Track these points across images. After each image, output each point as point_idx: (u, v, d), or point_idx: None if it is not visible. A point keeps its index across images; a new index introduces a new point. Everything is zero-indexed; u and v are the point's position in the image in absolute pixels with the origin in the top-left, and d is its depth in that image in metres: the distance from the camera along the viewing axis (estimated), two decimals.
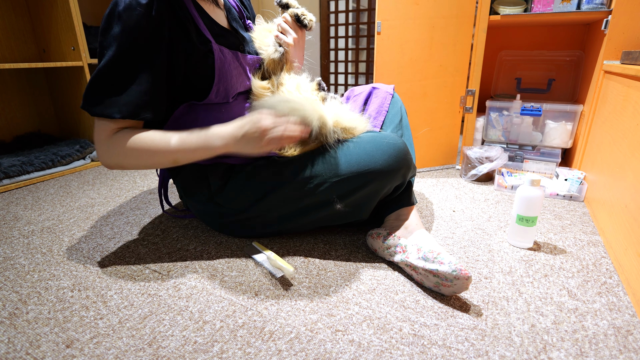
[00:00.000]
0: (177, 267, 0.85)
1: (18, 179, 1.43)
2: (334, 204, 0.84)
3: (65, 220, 1.12)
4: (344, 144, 0.84)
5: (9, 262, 0.89)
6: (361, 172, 0.80)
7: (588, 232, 1.00)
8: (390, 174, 0.81)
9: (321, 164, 0.82)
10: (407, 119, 1.05)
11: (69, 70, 1.70)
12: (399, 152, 0.81)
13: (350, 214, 0.88)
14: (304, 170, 0.83)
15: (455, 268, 0.69)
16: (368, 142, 0.82)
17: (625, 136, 0.92)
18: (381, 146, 0.81)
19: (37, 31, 1.75)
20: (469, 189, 1.32)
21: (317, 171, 0.82)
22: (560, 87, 1.59)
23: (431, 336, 0.64)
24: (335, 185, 0.81)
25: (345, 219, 0.90)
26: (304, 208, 0.87)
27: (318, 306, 0.71)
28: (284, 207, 0.87)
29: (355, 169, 0.80)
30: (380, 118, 1.02)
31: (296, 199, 0.85)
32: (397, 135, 0.85)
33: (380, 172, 0.80)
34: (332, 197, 0.83)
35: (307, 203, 0.86)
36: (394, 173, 0.82)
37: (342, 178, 0.81)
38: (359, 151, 0.81)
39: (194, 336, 0.64)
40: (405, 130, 1.02)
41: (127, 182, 1.45)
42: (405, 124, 1.03)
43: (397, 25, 1.34)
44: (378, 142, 0.82)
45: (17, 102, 1.77)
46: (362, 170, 0.80)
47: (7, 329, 0.67)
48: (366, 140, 0.83)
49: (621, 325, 0.66)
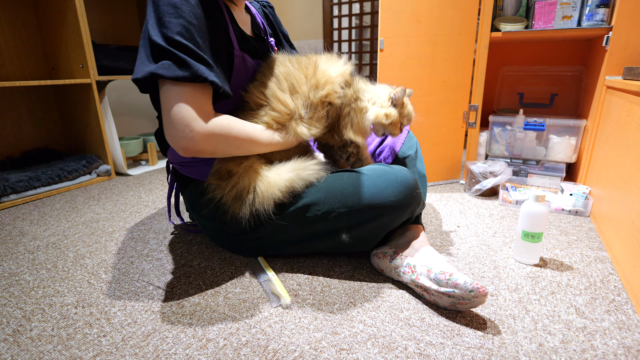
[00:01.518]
0: (181, 283, 0.85)
1: (25, 194, 1.44)
2: (340, 234, 0.83)
3: (71, 235, 1.12)
4: (355, 174, 0.83)
5: (14, 278, 0.89)
6: (370, 205, 0.79)
7: (595, 248, 0.98)
8: (400, 209, 0.80)
9: (331, 192, 0.81)
10: (421, 154, 1.05)
11: (77, 88, 1.73)
12: (409, 190, 0.80)
13: (355, 246, 0.86)
14: (312, 196, 0.82)
15: (473, 288, 0.68)
16: (379, 176, 0.81)
17: (629, 151, 0.92)
18: (392, 182, 0.80)
19: (47, 49, 1.79)
20: (473, 204, 1.32)
21: (325, 200, 0.81)
22: (562, 102, 1.60)
23: (437, 355, 0.63)
24: (343, 215, 0.80)
25: (350, 249, 0.89)
26: (309, 235, 0.86)
27: (322, 324, 0.71)
28: (289, 232, 0.86)
29: (364, 202, 0.79)
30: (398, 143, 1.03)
31: (302, 225, 0.84)
32: (408, 171, 0.83)
33: (389, 207, 0.79)
34: (339, 226, 0.82)
35: (313, 230, 0.85)
36: (403, 209, 0.81)
37: (350, 209, 0.80)
38: (369, 184, 0.80)
39: (197, 354, 0.64)
40: (419, 163, 1.02)
41: (132, 197, 1.46)
42: (420, 158, 1.04)
43: (399, 42, 1.36)
44: (390, 177, 0.80)
45: (26, 119, 1.80)
46: (372, 204, 0.79)
47: (10, 346, 0.67)
48: (378, 174, 0.81)
49: (631, 345, 0.64)
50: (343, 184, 0.81)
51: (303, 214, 0.82)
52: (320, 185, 0.82)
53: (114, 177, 1.78)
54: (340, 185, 0.81)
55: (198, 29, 0.70)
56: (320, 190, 0.82)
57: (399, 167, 0.83)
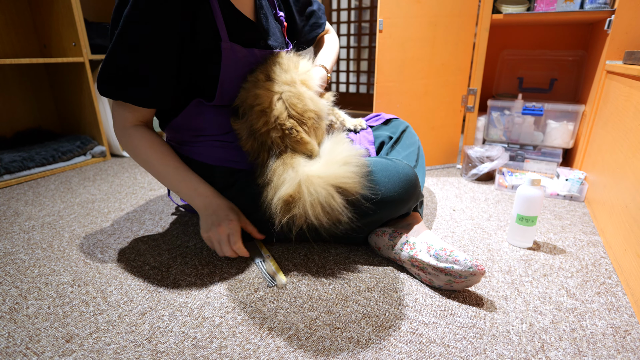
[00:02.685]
0: (177, 263, 0.86)
1: (19, 175, 1.43)
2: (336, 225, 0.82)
3: (66, 216, 1.12)
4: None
5: (9, 257, 0.89)
6: (369, 199, 0.78)
7: (588, 232, 1.00)
8: (399, 204, 0.80)
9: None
10: (422, 150, 1.05)
11: (70, 66, 1.70)
12: (410, 185, 0.80)
13: (350, 237, 0.87)
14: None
15: (472, 264, 0.69)
16: (380, 170, 0.80)
17: (626, 136, 0.92)
18: (393, 177, 0.80)
19: (38, 26, 1.74)
20: (469, 188, 1.32)
21: None
22: (562, 87, 1.59)
23: (429, 334, 0.64)
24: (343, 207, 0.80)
25: (345, 240, 0.90)
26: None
27: (317, 303, 0.72)
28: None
29: (363, 195, 0.78)
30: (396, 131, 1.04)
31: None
32: (409, 165, 0.83)
33: (389, 202, 0.79)
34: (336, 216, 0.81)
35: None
36: (402, 204, 0.81)
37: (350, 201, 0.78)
38: (370, 179, 0.79)
39: (193, 332, 0.64)
40: (420, 159, 1.02)
41: (127, 179, 1.46)
42: (421, 154, 1.04)
43: (399, 23, 1.33)
44: (391, 173, 0.80)
45: (18, 98, 1.77)
46: (371, 197, 0.78)
47: (7, 323, 0.67)
48: (379, 169, 0.81)
49: (619, 325, 0.66)
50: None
51: None
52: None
53: (109, 159, 1.76)
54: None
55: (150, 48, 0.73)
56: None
57: (400, 161, 0.83)
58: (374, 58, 2.88)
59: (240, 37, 0.81)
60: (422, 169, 1.02)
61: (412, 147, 1.02)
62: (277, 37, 0.90)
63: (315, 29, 1.04)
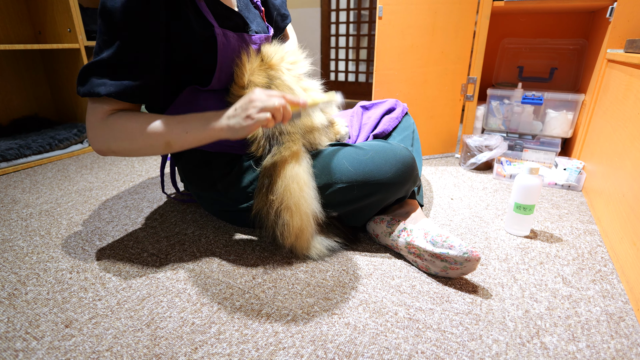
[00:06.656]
0: (175, 250, 0.86)
1: (15, 163, 1.42)
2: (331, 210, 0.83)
3: (64, 203, 1.12)
4: (353, 150, 0.81)
5: (7, 244, 0.89)
6: (367, 181, 0.78)
7: (585, 221, 1.00)
8: (396, 187, 0.80)
9: (329, 167, 0.80)
10: (417, 133, 1.06)
11: (65, 53, 1.67)
12: (407, 167, 0.80)
13: (347, 221, 0.87)
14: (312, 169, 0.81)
15: (467, 250, 0.69)
16: (377, 152, 0.80)
17: (625, 125, 0.92)
18: (390, 159, 0.79)
19: (32, 12, 1.72)
20: (467, 177, 1.32)
21: (324, 173, 0.80)
22: (562, 76, 1.58)
23: (426, 320, 0.64)
24: (340, 191, 0.80)
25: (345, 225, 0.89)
26: None
27: (315, 290, 0.72)
28: None
29: (361, 178, 0.78)
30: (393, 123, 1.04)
31: None
32: (406, 148, 0.83)
33: (386, 184, 0.79)
34: (333, 202, 0.81)
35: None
36: (399, 186, 0.81)
37: (347, 185, 0.79)
38: (367, 161, 0.79)
39: (192, 318, 0.65)
40: (415, 142, 1.02)
41: (125, 167, 1.45)
42: (416, 137, 1.04)
43: (399, 10, 1.31)
44: (388, 155, 0.80)
45: (13, 85, 1.75)
46: (369, 180, 0.78)
47: (6, 308, 0.68)
48: (376, 150, 0.81)
49: (614, 312, 0.66)
50: (339, 159, 0.81)
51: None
52: (315, 160, 0.82)
53: None
54: (336, 160, 0.80)
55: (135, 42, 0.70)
56: (314, 165, 0.81)
57: (397, 144, 0.83)
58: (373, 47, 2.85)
59: (228, 24, 0.82)
60: (418, 153, 1.02)
61: (406, 130, 1.02)
62: (259, 23, 0.92)
63: (284, 19, 1.06)
